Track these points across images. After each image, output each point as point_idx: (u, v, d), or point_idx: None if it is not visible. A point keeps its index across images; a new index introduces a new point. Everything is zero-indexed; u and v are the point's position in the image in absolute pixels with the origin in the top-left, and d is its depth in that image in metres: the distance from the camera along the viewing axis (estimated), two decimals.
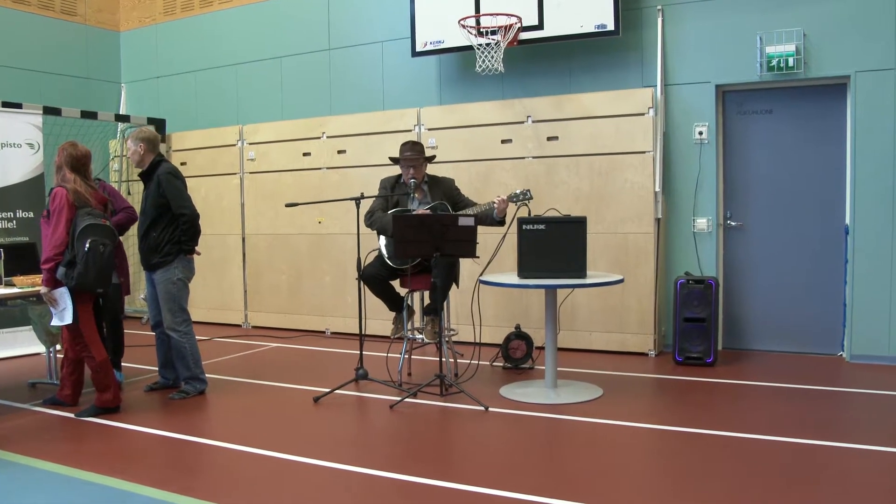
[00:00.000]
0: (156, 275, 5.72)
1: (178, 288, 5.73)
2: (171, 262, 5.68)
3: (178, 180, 5.72)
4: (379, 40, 8.54)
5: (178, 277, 5.72)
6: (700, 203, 7.08)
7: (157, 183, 5.64)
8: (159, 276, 5.70)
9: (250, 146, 9.01)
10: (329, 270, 8.52)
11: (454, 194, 6.23)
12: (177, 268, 5.71)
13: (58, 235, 5.05)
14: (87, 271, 5.06)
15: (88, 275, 5.07)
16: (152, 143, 5.76)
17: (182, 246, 5.71)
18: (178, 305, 5.74)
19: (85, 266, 5.04)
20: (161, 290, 5.71)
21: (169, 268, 5.68)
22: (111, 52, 10.44)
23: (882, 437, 4.56)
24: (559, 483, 3.91)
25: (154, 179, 5.67)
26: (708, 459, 4.25)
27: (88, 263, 5.05)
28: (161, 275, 5.69)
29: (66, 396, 5.52)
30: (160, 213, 5.65)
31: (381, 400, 5.61)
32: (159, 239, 5.65)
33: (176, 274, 5.70)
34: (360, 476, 4.07)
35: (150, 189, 5.70)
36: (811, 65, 6.59)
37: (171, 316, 5.72)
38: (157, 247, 5.65)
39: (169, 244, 5.67)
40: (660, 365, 6.69)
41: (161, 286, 5.70)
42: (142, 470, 4.20)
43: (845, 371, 6.32)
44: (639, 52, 7.27)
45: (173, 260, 5.68)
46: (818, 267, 6.89)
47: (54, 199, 5.14)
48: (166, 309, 5.72)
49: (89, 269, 5.06)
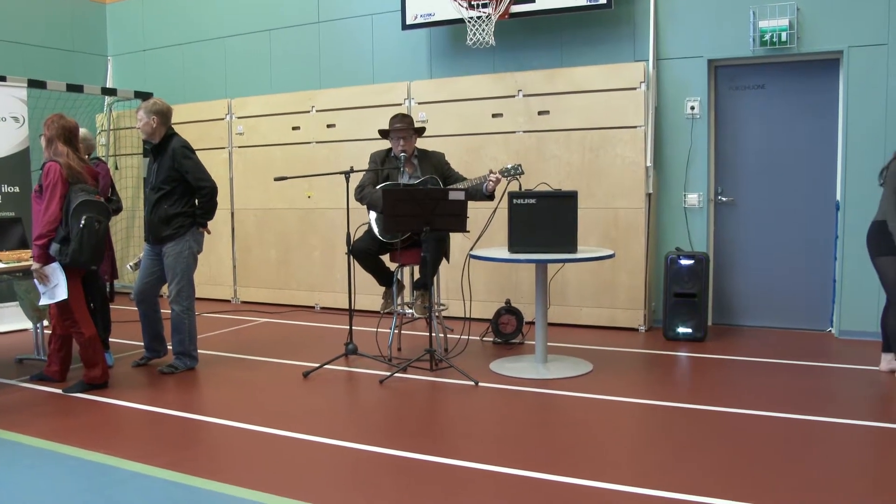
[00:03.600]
0: (166, 247, 5.67)
1: (189, 262, 5.72)
2: (184, 235, 5.66)
3: (193, 154, 5.70)
4: (369, 13, 8.44)
5: (190, 250, 5.70)
6: (691, 178, 7.06)
7: (171, 156, 5.60)
8: (170, 248, 5.65)
9: (239, 120, 8.92)
10: (318, 245, 8.49)
11: (444, 168, 6.19)
12: (189, 240, 5.69)
13: (51, 211, 4.98)
14: (82, 248, 5.01)
15: (83, 252, 5.02)
16: (165, 116, 5.71)
17: (196, 219, 5.70)
18: (186, 279, 5.72)
19: (80, 243, 4.99)
20: (172, 262, 5.66)
21: (181, 240, 5.66)
22: (97, 24, 10.30)
23: (868, 412, 4.60)
24: (549, 458, 3.91)
25: (168, 153, 5.62)
26: (697, 434, 4.26)
27: (83, 240, 5.00)
28: (172, 247, 5.65)
29: (54, 373, 5.47)
30: (173, 187, 5.62)
31: (371, 375, 5.60)
32: (171, 212, 5.61)
33: (189, 246, 5.69)
34: (349, 451, 4.06)
35: (162, 162, 5.65)
36: (804, 39, 6.55)
37: (178, 289, 5.69)
38: (169, 219, 5.61)
39: (181, 216, 5.64)
40: (650, 340, 6.70)
41: (172, 259, 5.66)
42: (129, 445, 4.18)
43: (834, 347, 6.34)
44: (631, 26, 7.21)
45: (185, 233, 5.66)
46: (808, 243, 6.90)
47: (47, 173, 5.05)
48: (175, 282, 5.68)
49: (84, 246, 5.01)
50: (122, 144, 9.76)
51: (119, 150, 9.74)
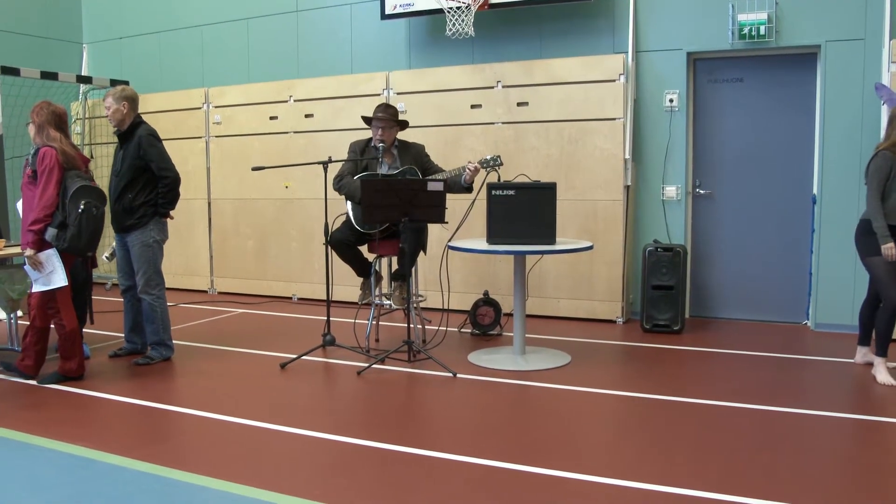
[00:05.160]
0: (130, 237, 5.61)
1: (154, 251, 5.65)
2: (147, 224, 5.60)
3: (159, 142, 5.63)
4: (348, 2, 8.39)
5: (154, 239, 5.63)
6: (669, 171, 7.09)
7: (136, 144, 5.53)
8: (134, 238, 5.59)
9: (216, 109, 8.85)
10: (296, 236, 8.44)
11: (424, 160, 6.18)
12: (153, 230, 5.63)
13: (47, 196, 4.93)
14: (80, 233, 4.98)
15: (81, 237, 4.99)
16: (134, 102, 5.65)
17: (159, 209, 5.64)
18: (153, 268, 5.66)
19: (78, 228, 4.96)
20: (136, 252, 5.61)
21: (144, 230, 5.59)
22: (72, 10, 10.16)
23: (843, 405, 4.66)
24: (526, 449, 3.92)
25: (134, 140, 5.55)
26: (674, 426, 4.28)
27: (82, 226, 4.97)
28: (136, 237, 5.59)
29: (27, 367, 5.27)
30: (136, 175, 5.55)
31: (349, 366, 5.58)
32: (135, 201, 5.54)
33: (152, 236, 5.62)
34: (327, 442, 4.04)
35: (127, 150, 5.58)
36: (782, 33, 6.58)
37: (146, 279, 5.64)
38: (133, 209, 5.54)
39: (145, 206, 5.57)
40: (627, 332, 6.73)
41: (136, 248, 5.60)
42: (105, 437, 4.14)
43: (810, 339, 6.40)
44: (610, 18, 7.21)
45: (149, 222, 5.60)
46: (785, 236, 6.94)
47: (42, 159, 4.98)
48: (141, 272, 5.63)
49: (82, 232, 4.99)
50: (98, 133, 9.64)
51: (94, 138, 9.62)
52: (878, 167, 5.10)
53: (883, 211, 5.06)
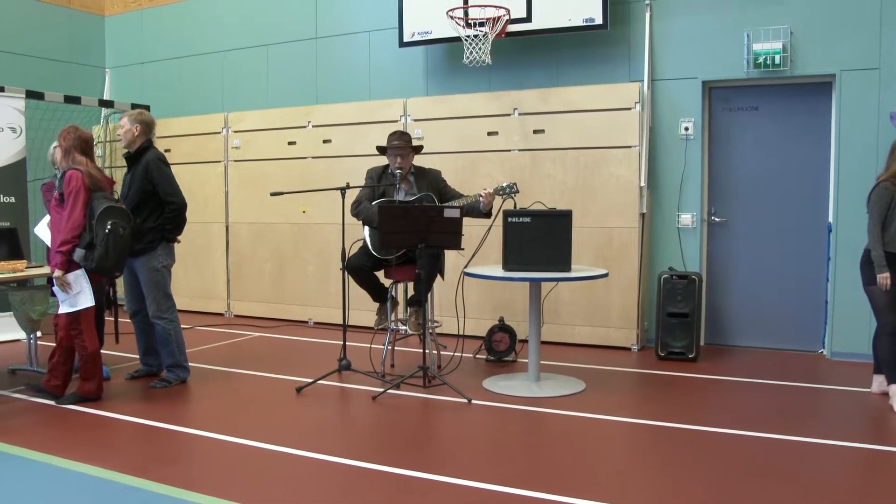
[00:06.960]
0: (137, 262, 5.64)
1: (163, 275, 5.69)
2: (155, 249, 5.63)
3: (166, 167, 5.68)
4: (366, 30, 8.50)
5: (162, 265, 5.67)
6: (685, 198, 7.10)
7: (144, 168, 5.57)
8: (141, 263, 5.63)
9: (235, 134, 8.95)
10: (313, 260, 8.50)
11: (441, 186, 6.21)
12: (160, 255, 5.66)
13: (75, 217, 5.02)
14: (108, 253, 5.06)
15: (109, 257, 5.07)
16: (148, 127, 5.72)
17: (166, 234, 5.67)
18: (163, 293, 5.69)
19: (105, 248, 5.04)
20: (145, 277, 5.65)
21: (153, 255, 5.62)
22: (95, 36, 10.34)
23: (859, 434, 4.62)
24: (541, 476, 3.92)
25: (141, 164, 5.60)
26: (688, 454, 4.27)
27: (109, 246, 5.05)
28: (144, 262, 5.62)
29: (55, 387, 5.28)
30: (144, 199, 5.58)
31: (364, 391, 5.60)
32: (143, 225, 5.57)
33: (161, 261, 5.66)
34: (341, 467, 4.06)
35: (135, 173, 5.63)
36: (797, 63, 6.61)
37: (157, 304, 5.67)
38: (141, 233, 5.58)
39: (153, 231, 5.61)
40: (642, 359, 6.72)
41: (145, 274, 5.64)
42: (121, 458, 4.17)
43: (825, 368, 6.36)
44: (626, 46, 7.27)
45: (157, 247, 5.63)
46: (801, 264, 6.93)
47: (69, 181, 5.07)
48: (151, 297, 5.66)
49: (110, 251, 5.06)
50: (118, 157, 9.74)
51: (115, 161, 9.74)
52: (879, 197, 5.20)
53: (883, 240, 5.14)
